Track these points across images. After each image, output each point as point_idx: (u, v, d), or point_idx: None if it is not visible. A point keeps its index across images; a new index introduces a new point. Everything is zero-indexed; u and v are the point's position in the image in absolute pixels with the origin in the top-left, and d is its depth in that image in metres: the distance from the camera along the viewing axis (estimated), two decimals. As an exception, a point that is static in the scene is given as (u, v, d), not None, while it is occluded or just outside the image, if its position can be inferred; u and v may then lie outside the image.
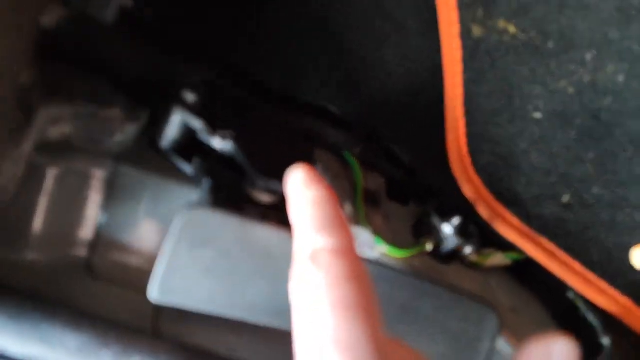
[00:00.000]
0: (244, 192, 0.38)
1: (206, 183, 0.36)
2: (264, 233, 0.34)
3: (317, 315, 0.22)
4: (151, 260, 0.40)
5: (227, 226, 0.32)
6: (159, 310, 0.39)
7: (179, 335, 0.37)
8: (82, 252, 0.38)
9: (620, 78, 0.50)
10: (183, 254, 0.32)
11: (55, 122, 0.34)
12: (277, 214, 0.38)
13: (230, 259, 0.32)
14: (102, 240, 0.39)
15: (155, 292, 0.32)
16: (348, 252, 0.25)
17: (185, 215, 0.32)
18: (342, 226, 0.26)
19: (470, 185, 0.56)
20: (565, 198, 0.54)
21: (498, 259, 0.56)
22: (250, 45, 0.56)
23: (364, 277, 0.24)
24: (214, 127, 0.39)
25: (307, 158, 0.49)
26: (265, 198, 0.40)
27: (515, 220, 0.55)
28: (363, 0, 0.57)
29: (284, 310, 0.28)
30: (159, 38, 0.41)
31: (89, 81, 0.37)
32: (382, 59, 0.57)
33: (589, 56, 0.51)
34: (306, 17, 0.57)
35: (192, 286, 0.32)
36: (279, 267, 0.32)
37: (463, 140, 0.56)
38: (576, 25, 0.50)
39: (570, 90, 0.52)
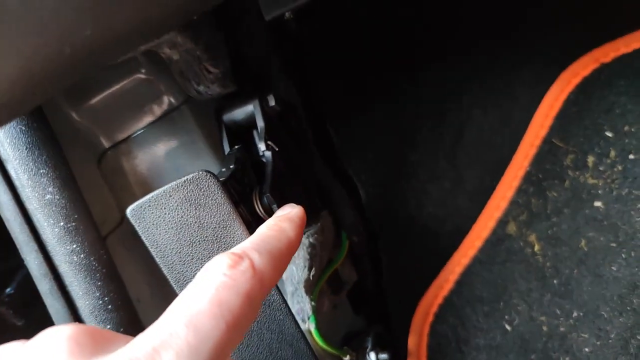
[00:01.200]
0: (249, 195, 0.41)
1: (231, 163, 0.40)
2: (236, 231, 0.36)
3: (197, 296, 0.23)
4: (147, 190, 0.44)
5: (217, 204, 0.36)
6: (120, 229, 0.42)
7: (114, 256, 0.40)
8: (106, 143, 0.42)
9: (587, 349, 0.52)
10: (174, 201, 0.35)
11: (172, 47, 0.40)
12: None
13: (202, 230, 0.35)
14: (126, 145, 0.43)
15: (132, 210, 0.35)
16: (264, 282, 0.26)
17: (198, 174, 0.35)
18: (279, 267, 0.28)
19: (416, 337, 0.58)
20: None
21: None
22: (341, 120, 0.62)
23: (253, 312, 0.25)
24: (269, 135, 0.44)
25: (313, 212, 0.53)
26: (259, 212, 0.43)
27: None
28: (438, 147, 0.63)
29: None
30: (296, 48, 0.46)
31: (215, 36, 0.43)
32: (427, 192, 0.62)
33: (575, 314, 0.54)
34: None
35: (159, 228, 0.35)
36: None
37: (439, 300, 0.59)
38: (583, 284, 0.54)
39: (544, 328, 0.55)
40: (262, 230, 0.31)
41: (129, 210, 0.35)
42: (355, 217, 0.56)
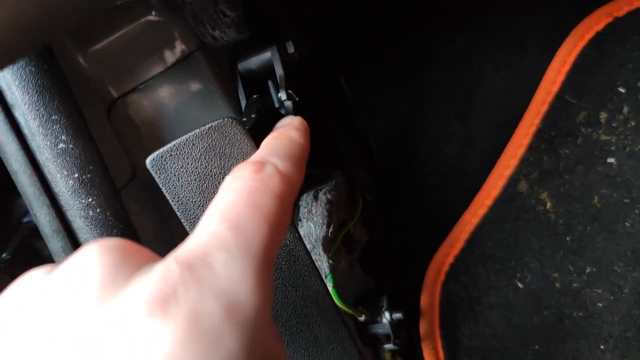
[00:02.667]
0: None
1: (252, 113, 0.38)
2: None
3: (233, 202, 0.22)
4: (160, 143, 0.42)
5: (244, 153, 0.34)
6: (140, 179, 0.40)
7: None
8: (115, 92, 0.39)
9: (600, 304, 0.53)
10: (197, 150, 0.33)
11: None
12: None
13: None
14: (136, 95, 0.40)
15: (152, 160, 0.33)
16: (292, 183, 0.25)
17: (223, 121, 0.33)
18: (301, 169, 0.27)
19: (429, 296, 0.57)
20: (493, 364, 0.55)
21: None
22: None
23: (288, 214, 0.24)
24: (289, 84, 0.42)
25: (330, 163, 0.51)
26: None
27: (441, 353, 0.56)
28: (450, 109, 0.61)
29: None
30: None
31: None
32: (438, 152, 0.61)
33: (588, 270, 0.54)
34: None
35: (181, 179, 0.33)
36: None
37: (450, 259, 0.58)
38: (596, 241, 0.54)
39: (557, 284, 0.55)
40: (271, 140, 0.30)
41: (148, 160, 0.32)
42: (369, 176, 0.54)
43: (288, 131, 0.32)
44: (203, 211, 0.34)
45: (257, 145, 0.35)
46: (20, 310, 0.21)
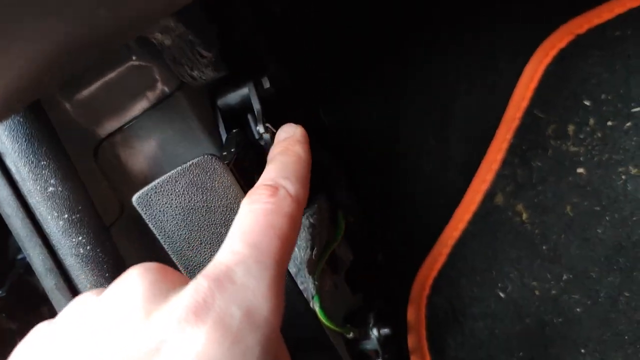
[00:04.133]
0: (252, 177, 0.42)
1: (232, 147, 0.40)
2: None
3: (251, 223, 0.27)
4: (145, 180, 0.44)
5: (224, 187, 0.36)
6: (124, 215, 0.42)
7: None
8: (101, 133, 0.41)
9: (578, 309, 0.55)
10: (180, 186, 0.35)
11: (164, 31, 0.39)
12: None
13: (210, 214, 0.35)
14: (121, 135, 0.42)
15: (138, 197, 0.35)
16: (300, 203, 0.30)
17: (203, 157, 0.35)
18: (307, 186, 0.32)
19: (415, 310, 0.59)
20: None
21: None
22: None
23: (297, 229, 0.29)
24: (266, 117, 0.44)
25: (312, 192, 0.53)
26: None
27: (429, 365, 0.58)
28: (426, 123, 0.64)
29: None
30: (282, 30, 0.47)
31: (205, 19, 0.43)
32: (418, 169, 0.63)
33: (565, 277, 0.56)
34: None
35: (166, 214, 0.35)
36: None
37: (434, 273, 0.60)
38: (570, 248, 0.56)
39: (537, 292, 0.57)
40: (279, 157, 0.34)
41: (135, 198, 0.34)
42: (351, 197, 0.57)
43: (293, 146, 0.35)
44: (188, 243, 0.36)
45: (238, 177, 0.37)
46: (79, 328, 0.25)
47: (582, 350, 0.54)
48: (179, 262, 0.36)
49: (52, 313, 0.45)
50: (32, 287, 0.59)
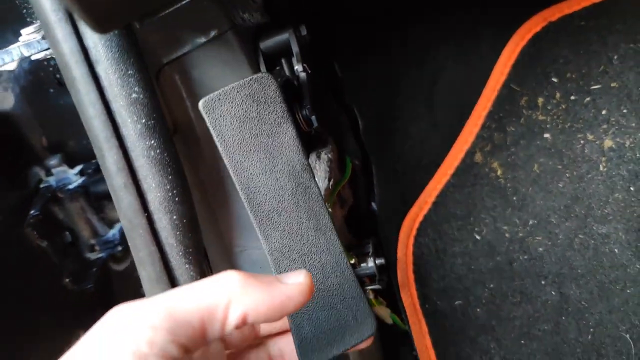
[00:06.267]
0: (291, 108, 0.49)
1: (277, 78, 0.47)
2: (287, 128, 0.41)
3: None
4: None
5: (275, 102, 0.41)
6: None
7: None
8: (163, 58, 0.47)
9: (540, 248, 0.65)
10: (240, 97, 0.40)
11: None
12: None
13: (261, 124, 0.41)
14: (180, 63, 0.48)
15: (204, 101, 0.39)
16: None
17: (262, 74, 0.40)
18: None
19: (403, 249, 0.68)
20: (458, 302, 0.66)
21: (383, 312, 0.66)
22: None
23: None
24: (304, 59, 0.51)
25: (326, 127, 0.61)
26: (300, 120, 0.50)
27: (415, 295, 0.67)
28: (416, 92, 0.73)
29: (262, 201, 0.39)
30: None
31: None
32: (408, 131, 0.72)
33: (531, 222, 0.67)
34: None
35: (226, 120, 0.40)
36: (280, 168, 0.41)
37: (420, 218, 0.69)
38: (536, 199, 0.67)
39: (507, 235, 0.67)
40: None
41: (201, 102, 0.39)
42: (357, 144, 0.65)
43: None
44: (240, 148, 0.41)
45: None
46: None
47: (543, 282, 0.65)
48: (229, 164, 0.40)
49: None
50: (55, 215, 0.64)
